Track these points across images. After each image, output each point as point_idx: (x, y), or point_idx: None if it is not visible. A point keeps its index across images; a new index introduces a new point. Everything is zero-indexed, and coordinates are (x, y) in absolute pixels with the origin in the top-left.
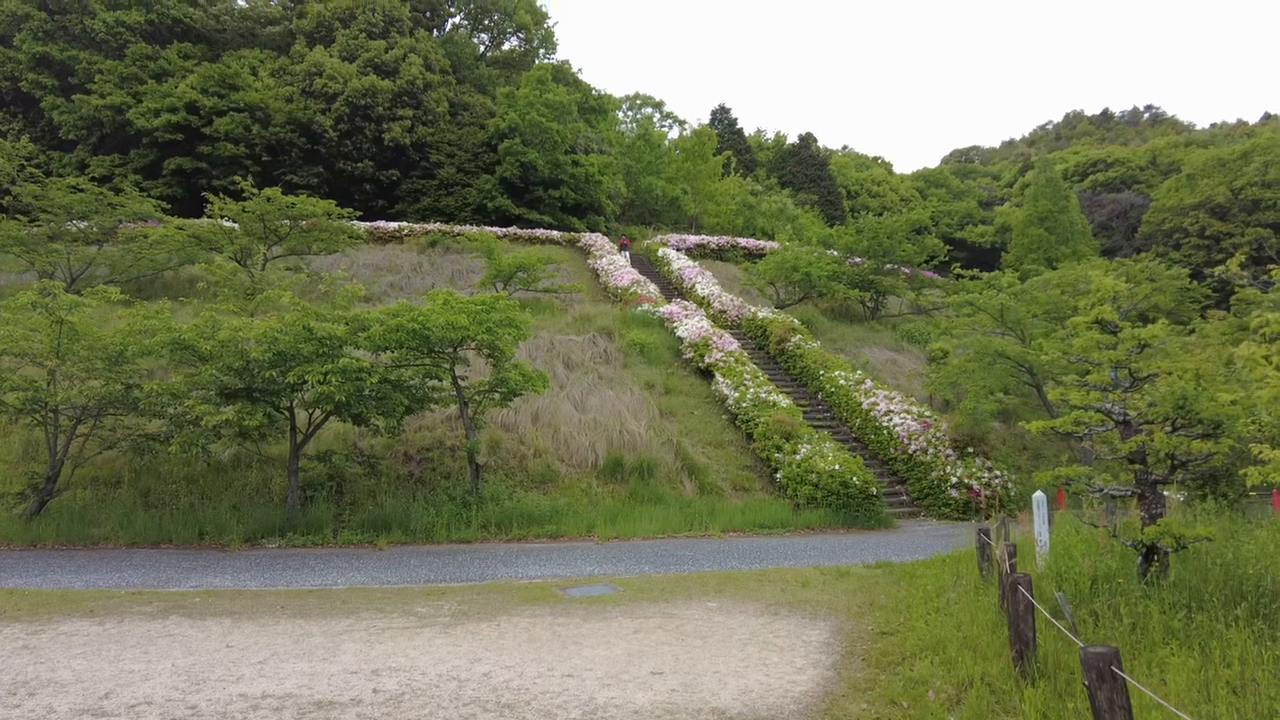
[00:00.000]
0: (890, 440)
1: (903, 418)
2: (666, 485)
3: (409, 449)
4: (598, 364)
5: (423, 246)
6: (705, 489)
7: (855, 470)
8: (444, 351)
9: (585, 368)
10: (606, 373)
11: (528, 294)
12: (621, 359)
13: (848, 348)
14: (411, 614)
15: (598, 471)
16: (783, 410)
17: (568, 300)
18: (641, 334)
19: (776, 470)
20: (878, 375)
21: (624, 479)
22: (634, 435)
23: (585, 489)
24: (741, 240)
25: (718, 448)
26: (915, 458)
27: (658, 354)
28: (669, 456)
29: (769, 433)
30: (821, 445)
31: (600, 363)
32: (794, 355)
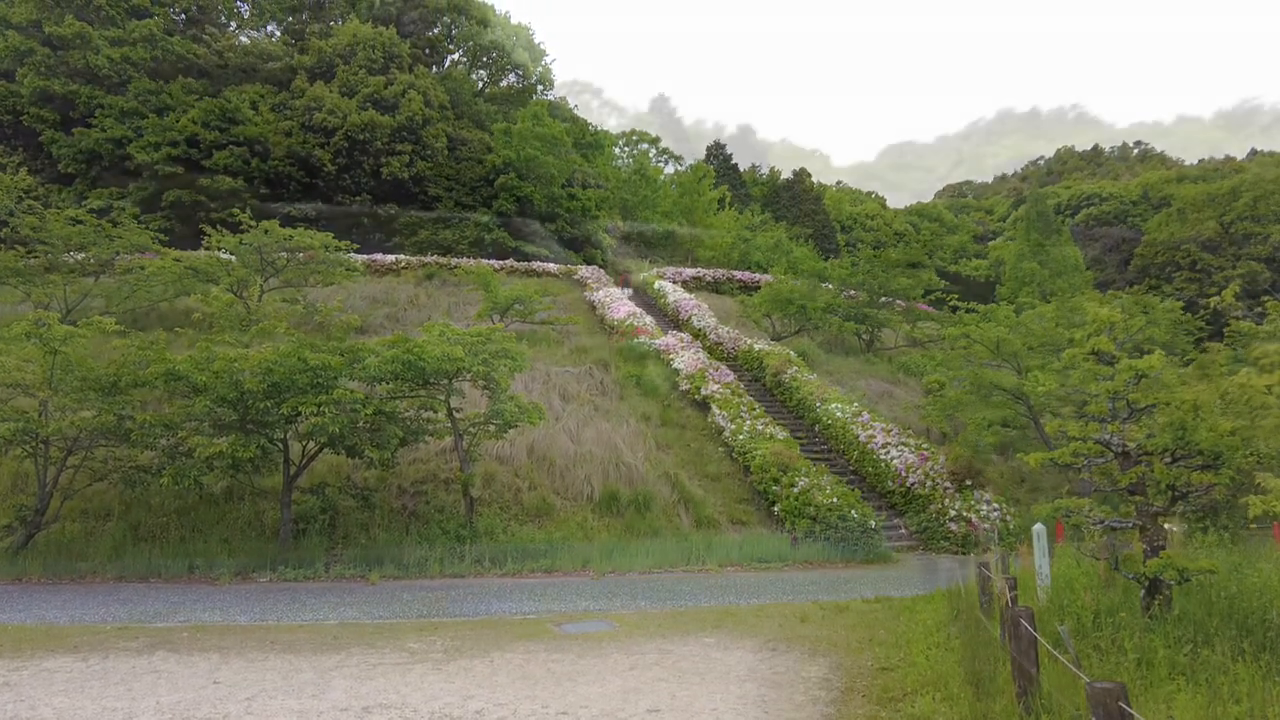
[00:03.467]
0: (888, 473)
1: (900, 450)
2: (663, 518)
3: (403, 482)
4: (594, 396)
5: (419, 279)
6: (702, 522)
7: (853, 503)
8: (439, 383)
9: (581, 400)
10: (603, 405)
11: (524, 326)
12: (618, 391)
13: (844, 380)
14: (404, 649)
15: (593, 505)
16: (780, 443)
17: (564, 333)
18: (638, 366)
19: (774, 503)
20: (874, 407)
21: (620, 512)
22: (630, 468)
23: (581, 522)
24: (737, 273)
25: (714, 480)
26: (913, 491)
27: (654, 386)
28: (665, 489)
29: (766, 465)
30: (819, 478)
31: (596, 394)
32: (790, 387)
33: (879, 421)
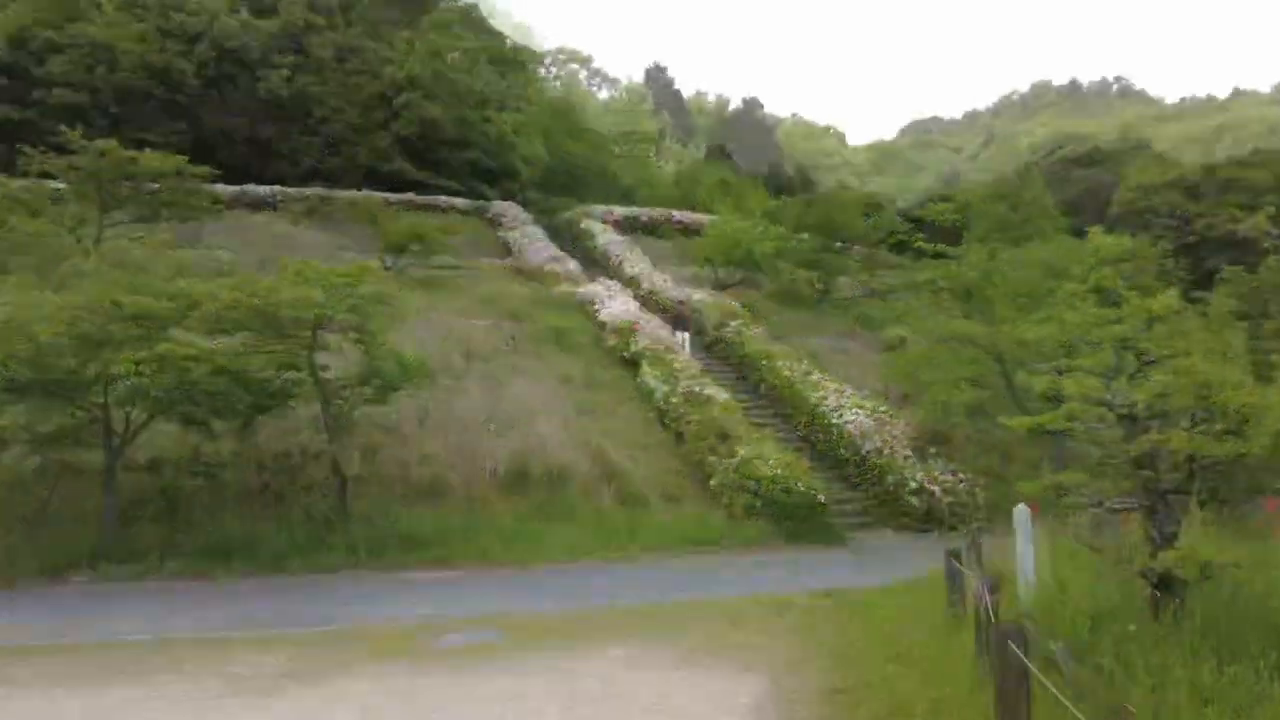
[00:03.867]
0: (841, 440)
1: (855, 414)
2: (581, 496)
3: (263, 456)
4: (505, 353)
5: (299, 215)
6: (628, 500)
7: (799, 475)
8: (299, 335)
9: (489, 358)
10: (515, 363)
11: (424, 271)
12: (534, 347)
13: (794, 335)
14: (224, 674)
15: (498, 482)
16: (719, 406)
17: (472, 279)
18: (558, 318)
19: (710, 476)
20: (827, 366)
21: (530, 490)
22: (545, 438)
23: (482, 503)
24: (677, 214)
25: (644, 450)
26: (869, 460)
27: (577, 342)
28: (585, 462)
29: (703, 433)
30: (762, 446)
31: (508, 352)
32: (733, 343)
33: (832, 382)
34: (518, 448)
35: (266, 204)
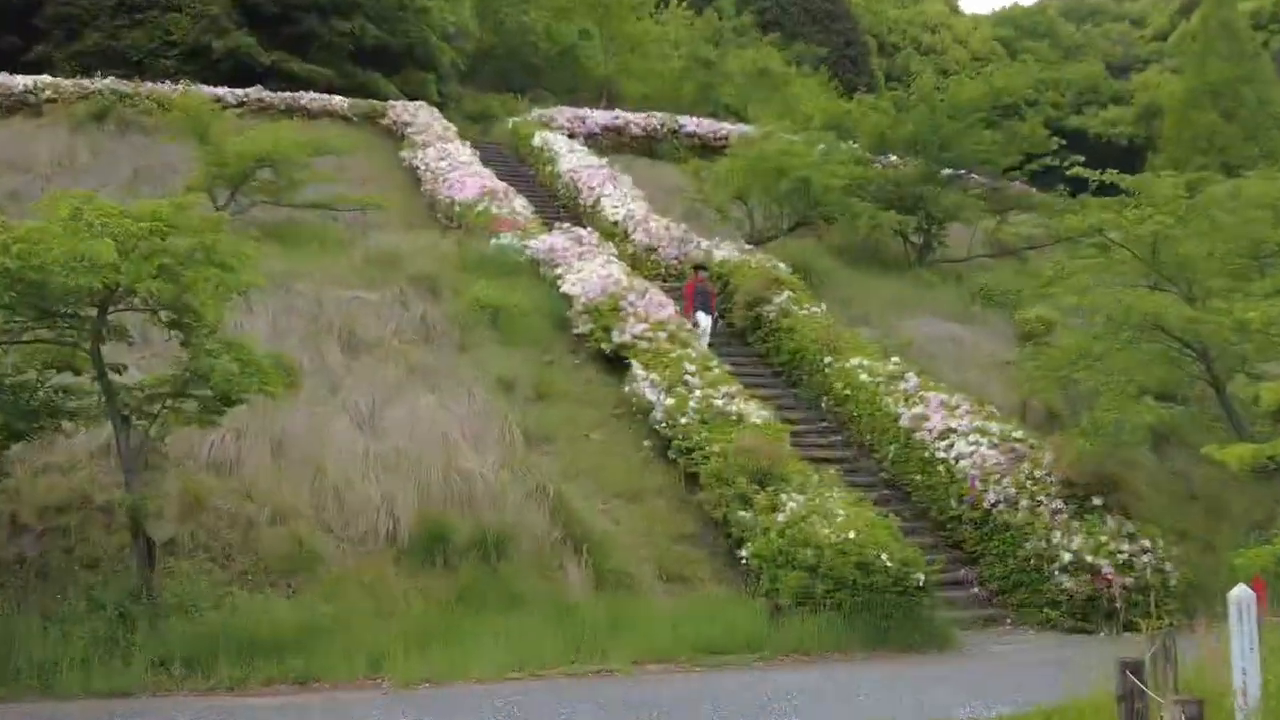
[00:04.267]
0: (950, 484)
1: (973, 443)
2: (533, 574)
3: (21, 510)
4: (410, 344)
5: (80, 120)
6: (607, 579)
7: (883, 541)
8: (76, 316)
9: (385, 351)
10: (425, 361)
11: (280, 213)
12: (456, 335)
13: (876, 315)
14: None
15: (399, 551)
16: (755, 429)
17: (358, 226)
18: (496, 290)
19: (741, 542)
20: (930, 366)
21: (452, 562)
22: (472, 479)
23: (373, 583)
24: (688, 122)
25: (632, 501)
26: (996, 516)
27: (526, 327)
28: (540, 518)
29: (728, 473)
30: (824, 494)
31: (415, 342)
32: (778, 330)
33: (937, 390)
34: (431, 497)
35: (24, 103)
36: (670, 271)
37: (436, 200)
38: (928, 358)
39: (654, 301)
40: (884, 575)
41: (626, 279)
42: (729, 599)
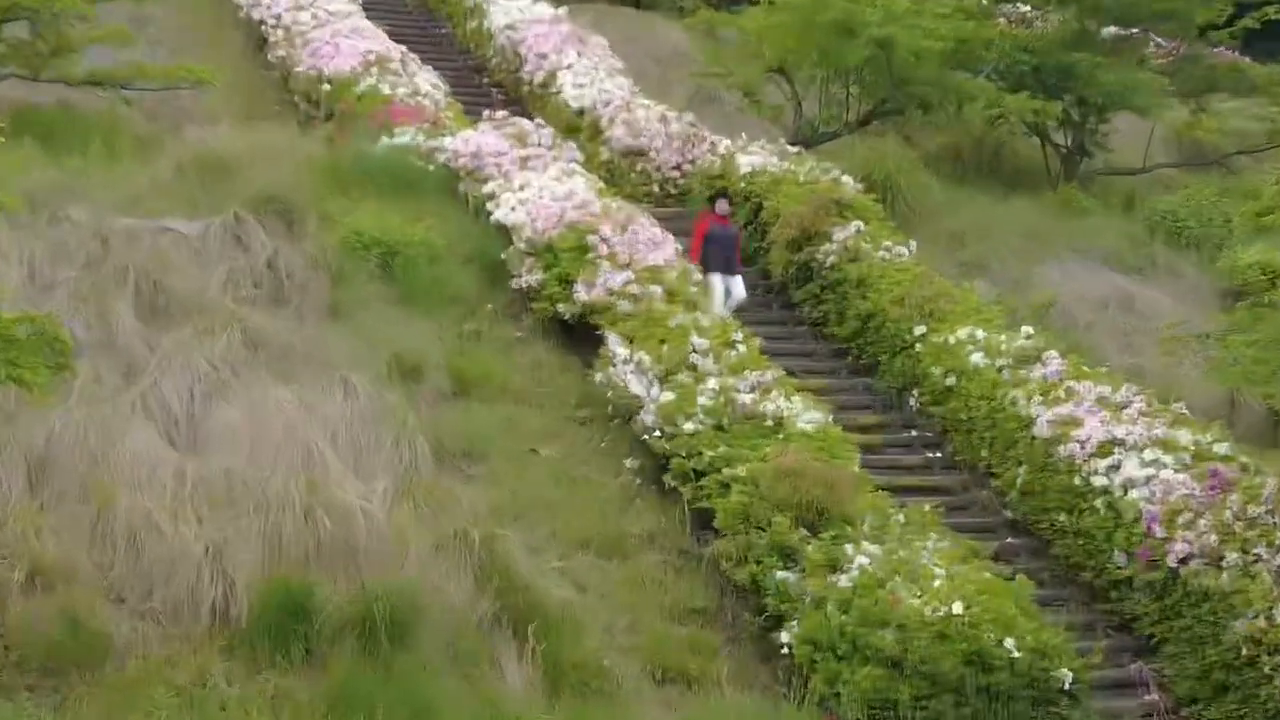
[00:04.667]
0: (1114, 528)
1: (1150, 463)
2: (452, 671)
3: None
4: (251, 306)
5: None
6: (567, 680)
7: (1011, 618)
8: None
9: (211, 317)
10: (275, 332)
11: (44, 90)
12: (324, 292)
13: (999, 260)
14: None
15: (234, 631)
16: (803, 442)
17: (169, 113)
18: (389, 217)
19: (780, 621)
20: (1083, 340)
21: (317, 652)
22: (352, 520)
23: (191, 686)
24: None
25: (608, 556)
26: (1187, 579)
27: (438, 278)
28: (460, 583)
29: (759, 511)
30: (914, 544)
31: (260, 302)
32: (840, 283)
33: (1093, 380)
34: (285, 548)
35: None
36: (669, 189)
37: (293, 74)
38: (1079, 328)
39: (643, 238)
40: (1009, 673)
41: (598, 201)
42: (761, 712)
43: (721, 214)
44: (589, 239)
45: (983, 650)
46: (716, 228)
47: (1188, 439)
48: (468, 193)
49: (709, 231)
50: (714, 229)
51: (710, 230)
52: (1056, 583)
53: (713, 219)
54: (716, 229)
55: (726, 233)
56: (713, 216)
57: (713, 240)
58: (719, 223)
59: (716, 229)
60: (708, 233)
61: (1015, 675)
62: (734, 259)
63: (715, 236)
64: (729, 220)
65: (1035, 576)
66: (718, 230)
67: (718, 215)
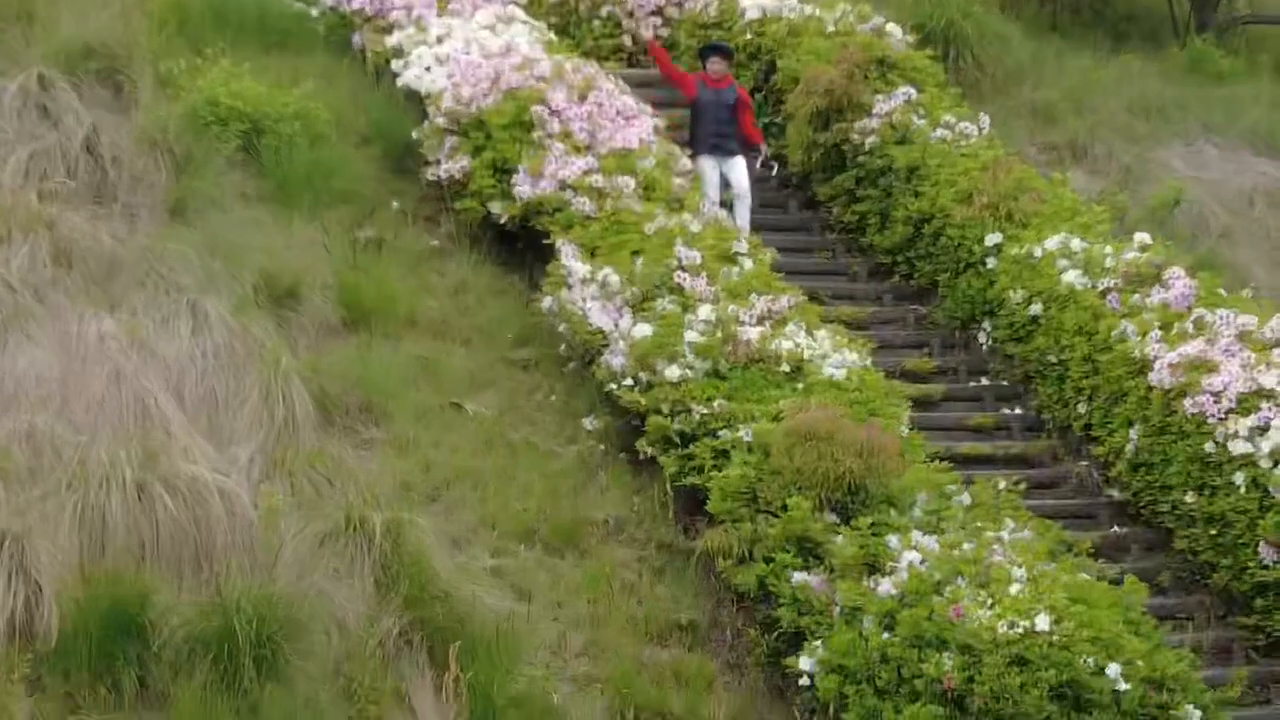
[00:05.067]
0: (1259, 512)
1: None
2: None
3: None
4: (56, 200)
5: None
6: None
7: (1116, 635)
8: None
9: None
10: (92, 237)
11: None
12: (162, 181)
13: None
14: None
15: (40, 653)
16: (830, 392)
17: None
18: (255, 77)
19: (798, 640)
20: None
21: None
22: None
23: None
24: None
25: (560, 550)
26: None
27: (323, 163)
28: (355, 586)
29: (770, 487)
30: (982, 534)
31: (69, 196)
32: (885, 171)
33: (1231, 307)
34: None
35: None
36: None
37: None
38: (1214, 236)
39: (609, 110)
40: (1114, 712)
41: (547, 59)
42: None
43: (715, 75)
44: (534, 111)
45: (1077, 680)
46: (706, 91)
47: None
48: (365, 46)
49: (697, 97)
50: (702, 92)
51: (699, 95)
52: (1180, 588)
53: (710, 79)
54: (706, 93)
55: (721, 98)
56: (703, 76)
57: (702, 109)
58: (713, 85)
59: (706, 93)
60: (695, 100)
61: (1122, 714)
62: (731, 136)
63: (704, 104)
64: (726, 81)
65: (1150, 579)
66: (707, 95)
67: (710, 76)
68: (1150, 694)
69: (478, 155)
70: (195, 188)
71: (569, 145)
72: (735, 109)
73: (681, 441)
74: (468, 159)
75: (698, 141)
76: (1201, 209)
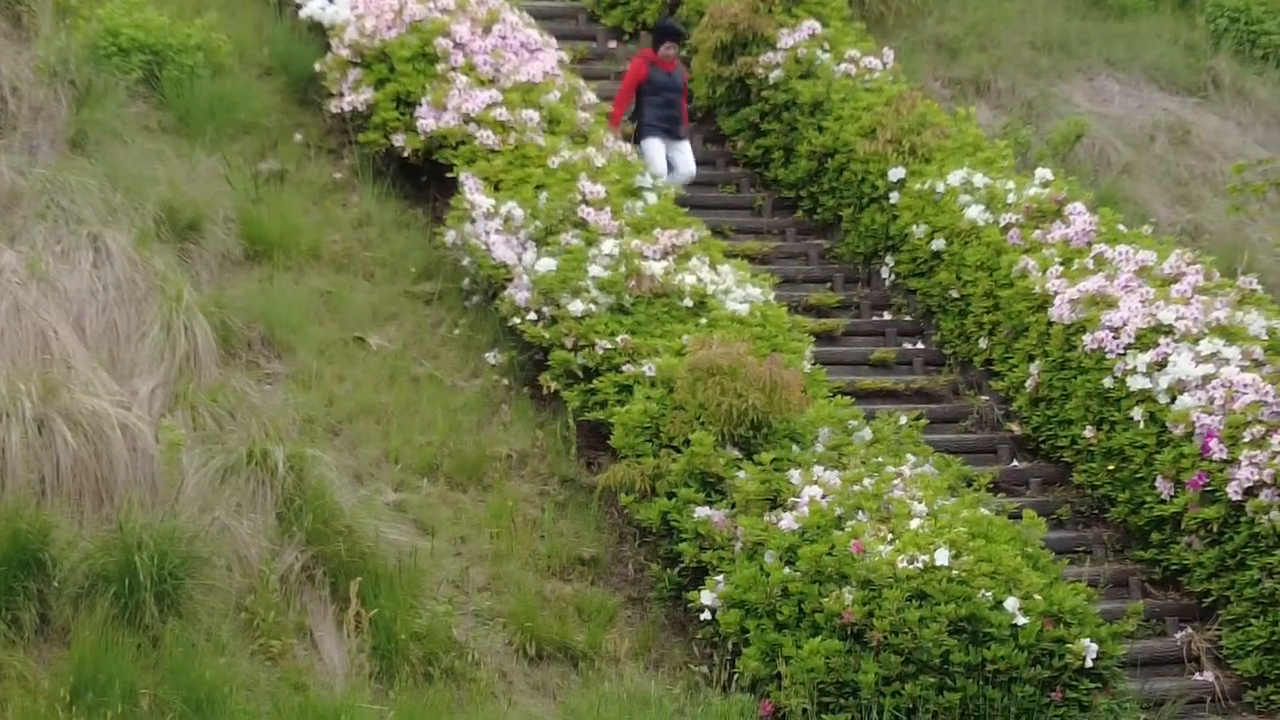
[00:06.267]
0: (1158, 448)
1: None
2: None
3: None
4: None
5: None
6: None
7: (1014, 569)
8: None
9: None
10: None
11: None
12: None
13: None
14: None
15: None
16: (733, 327)
17: None
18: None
19: (700, 576)
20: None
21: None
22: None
23: None
24: None
25: (463, 485)
26: (1255, 518)
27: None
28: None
29: (673, 423)
30: (882, 470)
31: None
32: (788, 106)
33: (1132, 243)
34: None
35: None
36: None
37: None
38: (1115, 171)
39: (513, 43)
40: (1012, 645)
41: None
42: (673, 701)
43: (665, 57)
44: (438, 43)
45: (976, 614)
46: (658, 73)
47: (1260, 325)
48: None
49: (647, 78)
50: (654, 74)
51: (649, 76)
52: (1078, 522)
53: (657, 60)
54: (658, 75)
55: (672, 82)
56: (653, 58)
57: (652, 91)
58: (663, 68)
59: (658, 75)
60: (644, 80)
61: (1019, 648)
62: (679, 118)
63: (656, 86)
64: (674, 64)
65: (1049, 514)
66: (660, 77)
67: (659, 58)
68: (1048, 627)
69: (381, 88)
70: (96, 119)
71: (473, 78)
72: (684, 91)
73: (585, 376)
74: (371, 91)
75: (646, 124)
76: (1103, 144)
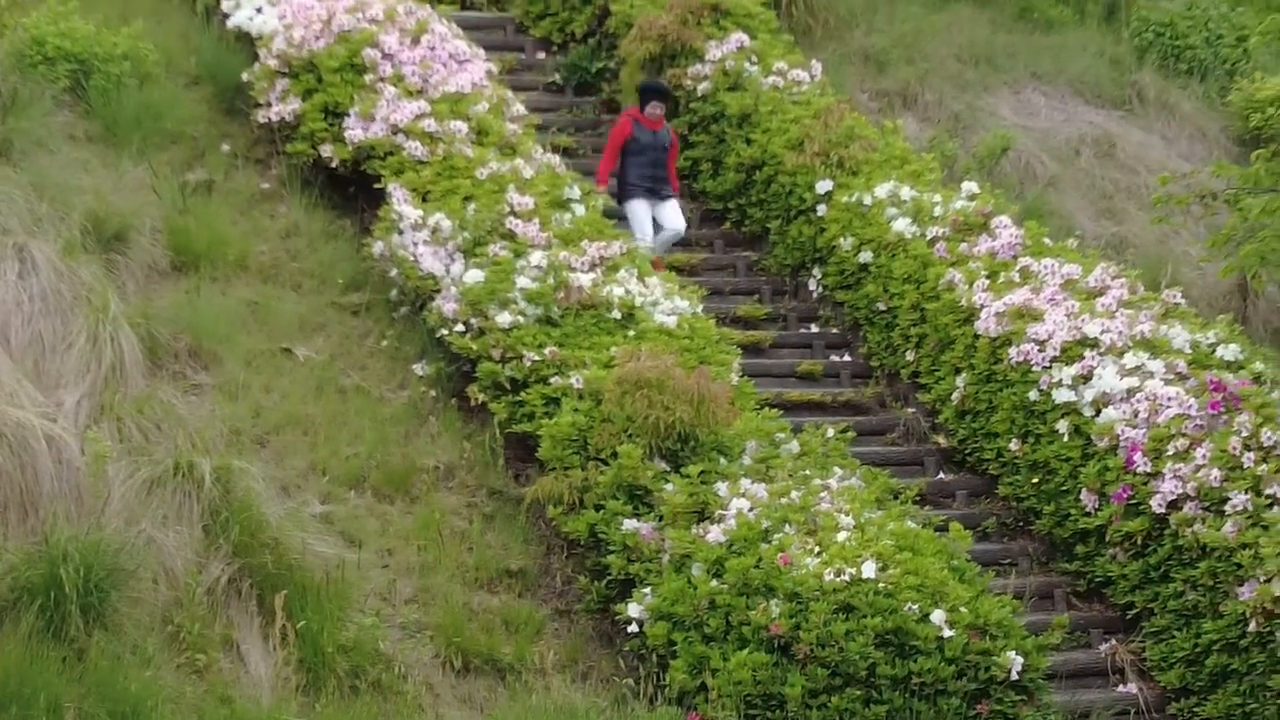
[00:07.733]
0: (1082, 461)
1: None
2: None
3: None
4: None
5: None
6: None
7: (941, 582)
8: None
9: None
10: None
11: None
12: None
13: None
14: None
15: None
16: (660, 339)
17: None
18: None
19: (628, 589)
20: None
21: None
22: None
23: None
24: None
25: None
26: (1179, 529)
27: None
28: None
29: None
30: (810, 482)
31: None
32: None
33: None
34: None
35: None
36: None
37: None
38: (1041, 184)
39: (442, 54)
40: (938, 657)
41: (379, 1)
42: (600, 713)
43: (652, 116)
44: (366, 54)
45: (902, 627)
46: (644, 132)
47: (1183, 339)
48: None
49: (631, 137)
50: (639, 133)
51: (634, 135)
52: (1004, 534)
53: (638, 120)
54: (643, 134)
55: (658, 141)
56: (638, 116)
57: (637, 150)
58: (648, 126)
59: (643, 134)
60: (629, 139)
61: (945, 661)
62: (666, 178)
63: (641, 145)
64: (661, 124)
65: (975, 526)
66: (645, 136)
67: (645, 117)
68: (974, 640)
69: (309, 98)
70: (21, 128)
71: (401, 89)
72: (671, 152)
73: (512, 388)
74: (299, 101)
75: (630, 185)
76: (1029, 158)
